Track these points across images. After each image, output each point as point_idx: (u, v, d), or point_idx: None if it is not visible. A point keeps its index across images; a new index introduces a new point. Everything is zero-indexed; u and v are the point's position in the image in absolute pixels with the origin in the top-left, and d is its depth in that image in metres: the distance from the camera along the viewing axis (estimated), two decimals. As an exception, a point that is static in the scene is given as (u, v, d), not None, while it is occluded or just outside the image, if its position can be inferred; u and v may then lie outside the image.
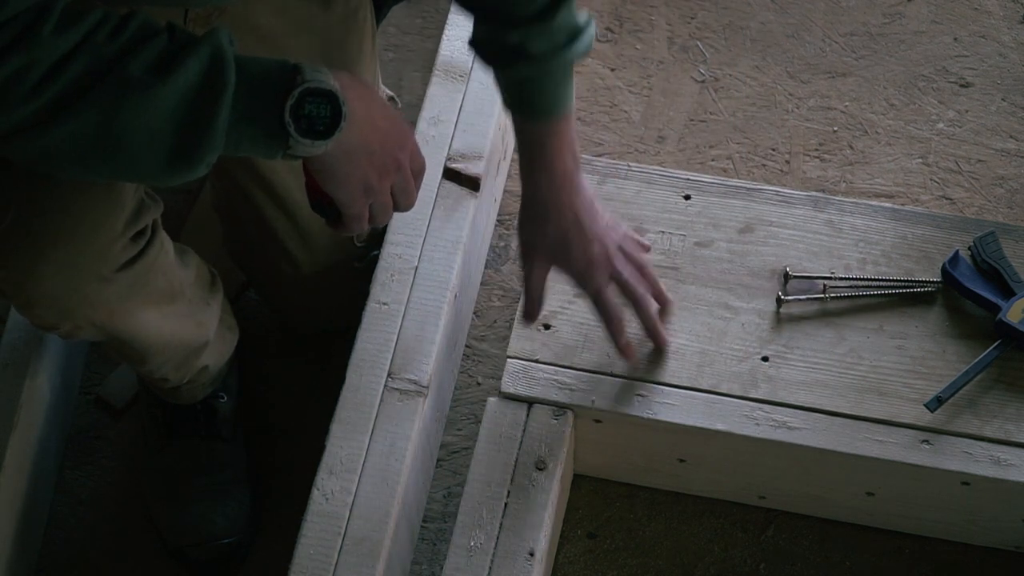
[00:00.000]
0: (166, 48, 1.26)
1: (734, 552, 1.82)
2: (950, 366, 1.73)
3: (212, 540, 1.79)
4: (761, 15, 2.21)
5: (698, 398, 1.72)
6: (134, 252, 1.48)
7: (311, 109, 1.29)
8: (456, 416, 1.90)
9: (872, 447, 1.69)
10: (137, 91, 1.24)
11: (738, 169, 2.08)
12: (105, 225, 1.44)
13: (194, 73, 1.26)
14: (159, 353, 1.66)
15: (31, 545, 1.82)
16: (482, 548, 1.64)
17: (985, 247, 1.78)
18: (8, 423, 1.74)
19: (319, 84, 1.29)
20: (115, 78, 1.24)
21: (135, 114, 1.25)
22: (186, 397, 1.80)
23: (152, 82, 1.24)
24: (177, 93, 1.25)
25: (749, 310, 1.77)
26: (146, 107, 1.25)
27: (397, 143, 1.41)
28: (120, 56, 1.24)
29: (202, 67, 1.26)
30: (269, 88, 1.28)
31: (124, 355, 1.67)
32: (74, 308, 1.48)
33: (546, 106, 1.60)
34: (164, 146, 1.27)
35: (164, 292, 1.58)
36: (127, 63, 1.24)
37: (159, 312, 1.59)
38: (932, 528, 1.80)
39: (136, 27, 1.26)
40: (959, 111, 2.12)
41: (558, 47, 1.56)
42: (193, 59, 1.26)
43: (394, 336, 1.74)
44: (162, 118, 1.25)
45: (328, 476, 1.65)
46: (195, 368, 1.74)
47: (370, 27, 1.69)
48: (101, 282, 1.47)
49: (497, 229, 2.03)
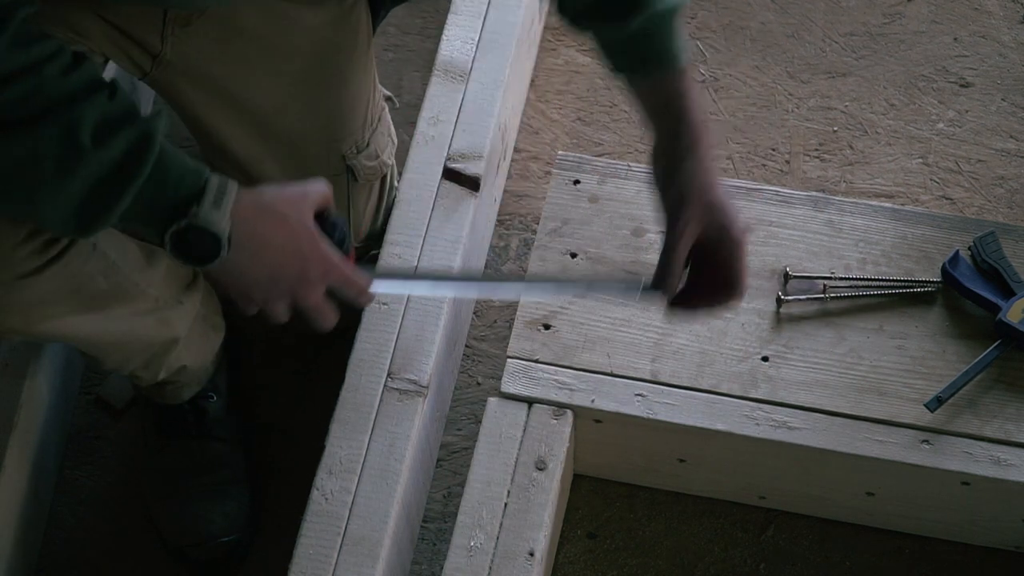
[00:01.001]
0: (107, 110, 1.27)
1: (734, 552, 1.82)
2: (950, 366, 1.73)
3: (211, 539, 1.79)
4: (761, 15, 2.21)
5: (698, 398, 1.72)
6: (46, 258, 1.44)
7: (192, 238, 1.33)
8: (456, 416, 1.90)
9: (872, 447, 1.69)
10: (68, 146, 1.26)
11: (738, 169, 2.08)
12: (3, 232, 1.41)
13: (119, 150, 1.28)
14: (113, 352, 1.64)
15: (31, 545, 1.82)
16: (482, 548, 1.64)
17: (985, 247, 1.78)
18: (8, 423, 1.74)
19: (207, 225, 1.32)
20: (53, 124, 1.25)
21: (58, 166, 1.26)
22: (171, 397, 1.80)
23: (85, 143, 1.26)
24: (100, 163, 1.27)
25: (749, 310, 1.77)
26: (70, 165, 1.27)
27: (295, 275, 1.40)
28: (65, 101, 1.25)
29: (128, 146, 1.28)
30: (167, 201, 1.31)
31: (81, 355, 1.66)
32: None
33: (676, 52, 1.50)
34: (69, 206, 1.29)
35: (110, 294, 1.55)
36: (71, 113, 1.25)
37: (103, 314, 1.56)
38: (932, 528, 1.80)
39: (86, 76, 1.27)
40: (959, 111, 2.12)
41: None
42: (123, 134, 1.28)
43: (394, 336, 1.74)
44: (78, 180, 1.27)
45: (328, 476, 1.65)
46: (170, 367, 1.73)
47: (365, 28, 1.69)
48: (4, 287, 1.44)
49: (497, 229, 2.03)
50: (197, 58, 1.59)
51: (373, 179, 1.79)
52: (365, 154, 1.75)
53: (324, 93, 1.68)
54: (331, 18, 1.64)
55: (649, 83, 1.52)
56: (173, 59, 1.58)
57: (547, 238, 1.82)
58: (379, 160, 1.78)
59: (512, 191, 2.06)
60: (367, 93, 1.73)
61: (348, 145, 1.73)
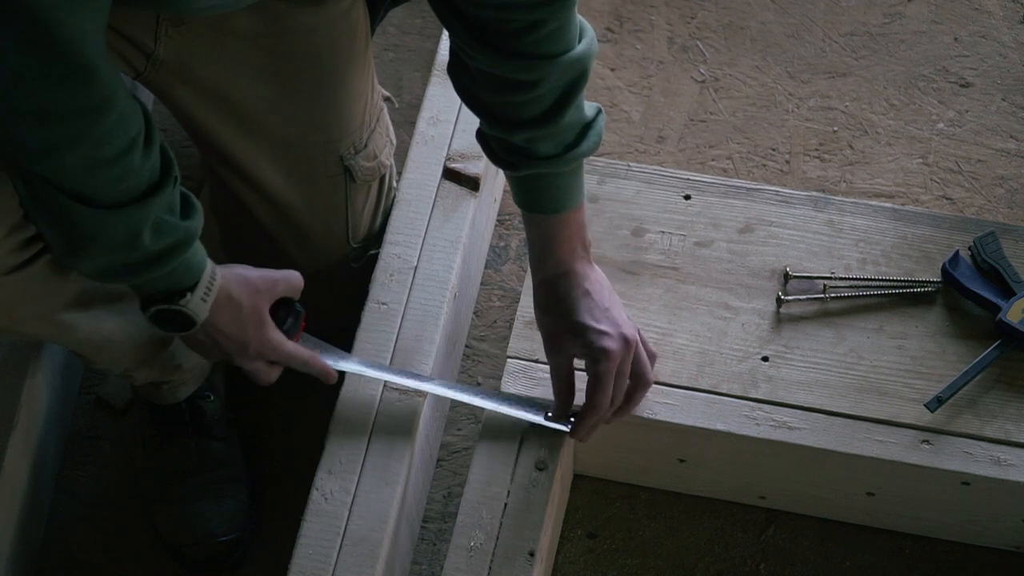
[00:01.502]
0: (169, 202, 1.43)
1: (734, 552, 1.82)
2: (950, 366, 1.73)
3: (210, 539, 1.79)
4: (761, 15, 2.21)
5: (698, 398, 1.72)
6: (23, 258, 1.45)
7: (173, 316, 1.51)
8: (456, 416, 1.90)
9: (872, 447, 1.69)
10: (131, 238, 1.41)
11: (738, 169, 2.08)
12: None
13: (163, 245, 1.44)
14: (105, 350, 1.64)
15: (31, 545, 1.82)
16: (482, 548, 1.64)
17: (985, 247, 1.78)
18: (8, 423, 1.74)
19: (192, 314, 1.51)
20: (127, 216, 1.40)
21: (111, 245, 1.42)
22: (167, 396, 1.80)
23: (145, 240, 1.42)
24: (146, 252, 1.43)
25: (749, 310, 1.77)
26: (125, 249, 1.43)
27: (235, 349, 1.58)
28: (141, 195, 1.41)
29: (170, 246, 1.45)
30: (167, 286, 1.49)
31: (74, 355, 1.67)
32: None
33: (556, 204, 1.60)
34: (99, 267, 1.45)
35: (100, 292, 1.56)
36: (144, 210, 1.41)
37: (89, 312, 1.57)
38: (932, 528, 1.80)
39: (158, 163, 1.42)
40: (959, 111, 2.12)
41: (566, 146, 1.56)
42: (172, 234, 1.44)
43: (393, 336, 1.74)
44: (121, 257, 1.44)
45: (327, 476, 1.65)
46: (165, 366, 1.73)
47: (363, 29, 1.68)
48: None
49: (497, 229, 2.03)
50: (191, 58, 1.59)
51: (371, 180, 1.78)
52: (363, 155, 1.75)
53: (321, 94, 1.68)
54: (328, 19, 1.63)
55: (539, 219, 1.61)
56: (167, 59, 1.58)
57: (547, 238, 1.82)
58: (377, 161, 1.78)
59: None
60: (365, 94, 1.73)
61: (346, 146, 1.73)
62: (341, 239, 1.79)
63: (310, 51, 1.64)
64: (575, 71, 1.51)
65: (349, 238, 1.80)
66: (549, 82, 1.50)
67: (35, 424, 1.80)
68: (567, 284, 1.62)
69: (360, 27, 1.67)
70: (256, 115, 1.66)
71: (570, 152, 1.56)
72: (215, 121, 1.66)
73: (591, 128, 1.57)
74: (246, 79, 1.63)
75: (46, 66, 1.27)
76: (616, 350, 1.60)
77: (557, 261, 1.62)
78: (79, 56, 1.28)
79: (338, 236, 1.78)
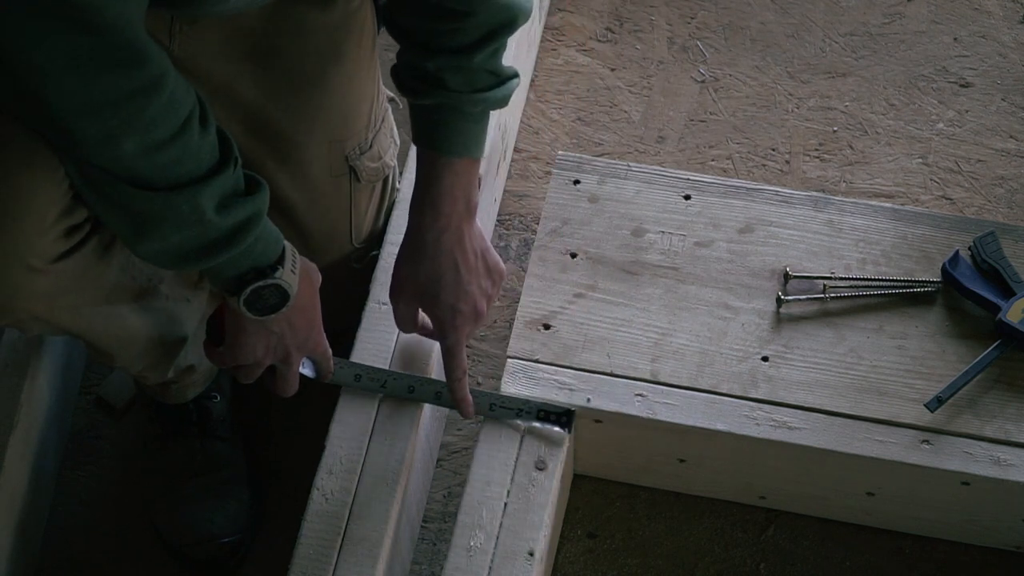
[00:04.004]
0: (234, 183, 1.44)
1: (734, 552, 1.82)
2: (950, 366, 1.73)
3: (211, 539, 1.79)
4: (761, 15, 2.21)
5: (698, 398, 1.72)
6: (68, 246, 1.47)
7: (267, 294, 1.51)
8: (456, 416, 1.90)
9: (872, 447, 1.69)
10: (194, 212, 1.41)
11: (738, 169, 2.08)
12: (31, 216, 1.43)
13: (234, 220, 1.44)
14: (125, 348, 1.65)
15: (31, 545, 1.82)
16: (482, 548, 1.64)
17: (985, 247, 1.78)
18: (8, 423, 1.74)
19: (286, 286, 1.51)
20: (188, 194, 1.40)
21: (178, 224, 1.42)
22: (176, 396, 1.80)
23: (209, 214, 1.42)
24: (217, 229, 1.43)
25: (749, 310, 1.77)
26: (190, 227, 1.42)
27: (302, 337, 1.59)
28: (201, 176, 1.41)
29: (242, 220, 1.44)
30: (253, 264, 1.48)
31: (93, 352, 1.67)
32: (7, 300, 1.48)
33: (451, 144, 1.61)
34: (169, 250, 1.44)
35: (125, 288, 1.57)
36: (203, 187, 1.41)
37: (117, 309, 1.58)
38: (932, 528, 1.80)
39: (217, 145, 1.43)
40: (959, 111, 2.12)
41: (475, 87, 1.58)
42: (241, 208, 1.44)
43: (394, 336, 1.74)
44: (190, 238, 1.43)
45: (328, 476, 1.65)
46: (177, 366, 1.73)
47: (371, 28, 1.69)
48: (32, 273, 1.45)
49: (497, 229, 2.03)
50: (203, 56, 1.59)
51: (375, 180, 1.79)
52: (368, 155, 1.75)
53: (328, 94, 1.68)
54: (338, 20, 1.64)
55: (430, 157, 1.63)
56: (180, 56, 1.58)
57: (547, 238, 1.82)
58: (382, 161, 1.78)
59: (512, 191, 2.06)
60: (371, 94, 1.73)
61: (351, 146, 1.73)
62: (344, 239, 1.79)
63: (319, 50, 1.64)
64: (505, 16, 1.56)
65: (352, 238, 1.80)
66: (478, 18, 1.54)
67: (35, 424, 1.80)
68: (438, 247, 1.63)
69: (368, 27, 1.68)
70: (264, 114, 1.66)
71: (477, 94, 1.58)
72: (223, 119, 1.66)
73: (504, 84, 1.60)
74: (255, 78, 1.63)
75: (96, 51, 1.29)
76: (465, 328, 1.66)
77: (437, 213, 1.62)
78: (126, 38, 1.31)
79: (341, 236, 1.79)
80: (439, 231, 1.62)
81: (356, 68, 1.68)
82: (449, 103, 1.59)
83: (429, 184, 1.62)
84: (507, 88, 1.61)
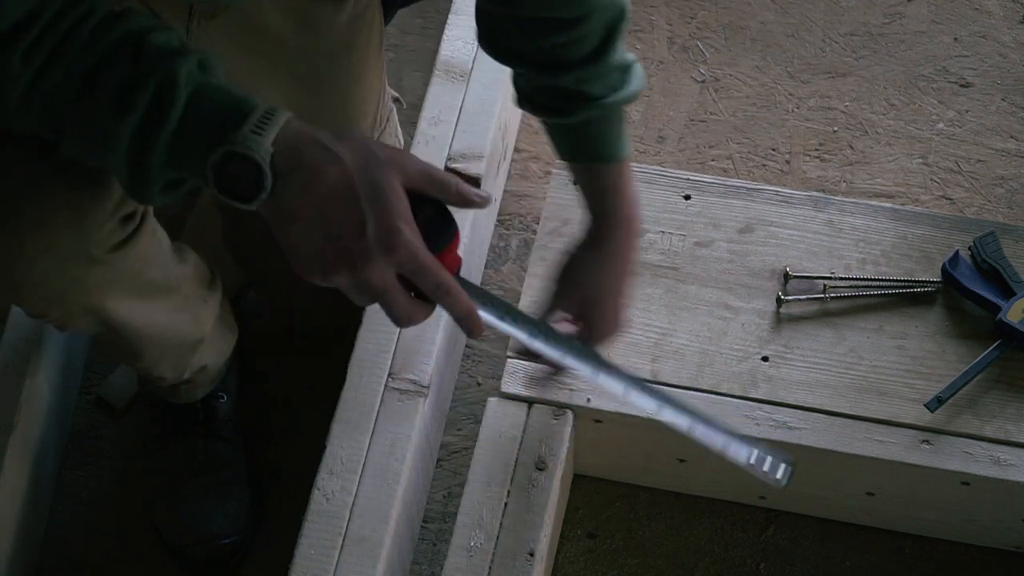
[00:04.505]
0: (129, 76, 1.22)
1: (734, 552, 1.82)
2: (950, 366, 1.73)
3: (212, 540, 1.79)
4: (761, 15, 2.21)
5: (698, 398, 1.72)
6: (123, 235, 1.47)
7: (233, 169, 1.21)
8: (456, 416, 1.90)
9: (872, 447, 1.69)
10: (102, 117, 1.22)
11: (738, 169, 2.08)
12: (92, 206, 1.42)
13: (140, 109, 1.21)
14: (154, 347, 1.65)
15: (31, 545, 1.82)
16: (482, 548, 1.64)
17: (985, 247, 1.78)
18: (8, 423, 1.74)
19: (245, 151, 1.20)
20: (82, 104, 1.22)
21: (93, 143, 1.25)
22: (185, 396, 1.80)
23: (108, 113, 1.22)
24: (128, 129, 1.22)
25: (749, 310, 1.77)
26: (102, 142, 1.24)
27: (351, 230, 1.22)
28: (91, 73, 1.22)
29: (147, 101, 1.21)
30: (206, 132, 1.22)
31: (119, 350, 1.66)
32: (63, 292, 1.47)
33: (611, 150, 1.59)
34: (121, 163, 1.25)
35: (158, 284, 1.57)
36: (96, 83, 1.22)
37: (152, 305, 1.58)
38: (932, 528, 1.80)
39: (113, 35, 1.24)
40: (959, 111, 2.13)
41: (614, 87, 1.56)
42: (142, 93, 1.21)
43: (394, 336, 1.74)
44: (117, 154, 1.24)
45: (328, 476, 1.66)
46: (193, 366, 1.74)
47: (378, 27, 1.69)
48: (90, 263, 1.45)
49: (497, 229, 2.03)
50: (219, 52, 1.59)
51: (380, 180, 1.77)
52: None
53: (336, 91, 1.68)
54: (349, 17, 1.63)
55: (597, 170, 1.60)
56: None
57: (547, 238, 1.82)
58: (386, 161, 1.77)
59: (512, 191, 2.06)
60: (378, 93, 1.73)
61: None
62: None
63: (331, 49, 1.64)
64: (616, 8, 1.53)
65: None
66: (593, 19, 1.51)
67: (35, 424, 1.80)
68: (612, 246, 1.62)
69: (376, 25, 1.68)
70: None
71: (618, 93, 1.56)
72: None
73: (632, 70, 1.58)
74: (267, 75, 1.63)
75: None
76: (609, 337, 1.66)
77: (621, 215, 1.61)
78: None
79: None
80: (624, 240, 1.62)
81: (364, 66, 1.68)
82: (599, 113, 1.57)
83: (607, 197, 1.61)
84: (638, 75, 1.58)
